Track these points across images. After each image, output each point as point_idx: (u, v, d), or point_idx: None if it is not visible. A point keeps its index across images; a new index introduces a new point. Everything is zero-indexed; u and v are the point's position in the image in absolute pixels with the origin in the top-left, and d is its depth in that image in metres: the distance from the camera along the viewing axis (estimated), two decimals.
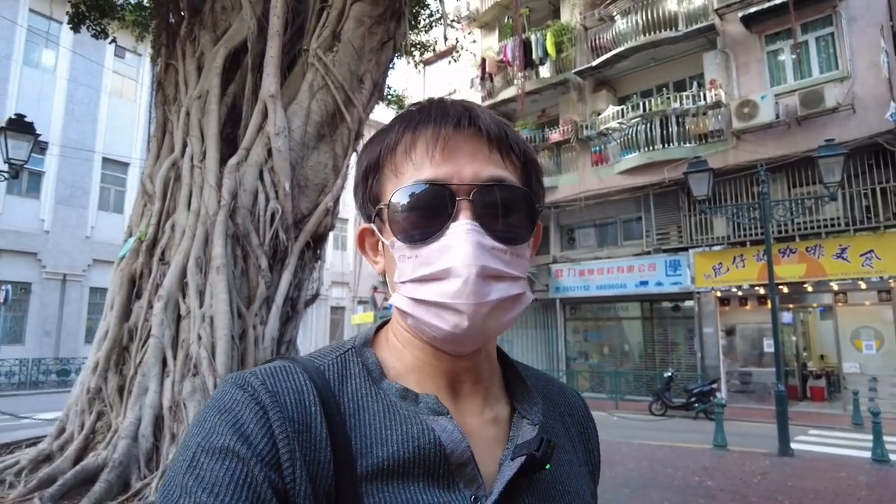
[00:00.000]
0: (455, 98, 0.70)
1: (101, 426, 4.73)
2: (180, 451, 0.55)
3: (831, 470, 7.44)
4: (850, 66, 11.84)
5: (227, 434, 0.54)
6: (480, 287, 0.59)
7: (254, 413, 0.56)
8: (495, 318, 0.61)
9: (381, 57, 6.03)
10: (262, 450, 0.54)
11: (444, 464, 0.59)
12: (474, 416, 0.66)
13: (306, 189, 5.57)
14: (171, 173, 5.33)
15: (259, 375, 0.60)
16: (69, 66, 18.82)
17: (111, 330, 4.94)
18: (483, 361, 0.69)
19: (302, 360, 0.64)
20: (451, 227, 0.61)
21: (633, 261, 15.05)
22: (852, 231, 11.76)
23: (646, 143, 13.91)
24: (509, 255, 0.62)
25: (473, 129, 0.64)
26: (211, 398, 0.59)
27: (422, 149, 0.63)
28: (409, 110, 0.68)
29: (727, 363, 13.83)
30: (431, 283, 0.61)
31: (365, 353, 0.67)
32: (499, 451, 0.65)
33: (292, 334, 5.74)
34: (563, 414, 0.77)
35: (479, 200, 0.62)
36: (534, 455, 0.60)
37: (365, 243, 0.72)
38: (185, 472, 0.52)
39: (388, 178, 0.66)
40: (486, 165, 0.63)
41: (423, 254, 0.62)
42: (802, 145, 11.88)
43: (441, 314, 0.60)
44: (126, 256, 5.19)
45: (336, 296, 25.72)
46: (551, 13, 17.49)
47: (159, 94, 6.02)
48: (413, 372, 0.66)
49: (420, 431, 0.60)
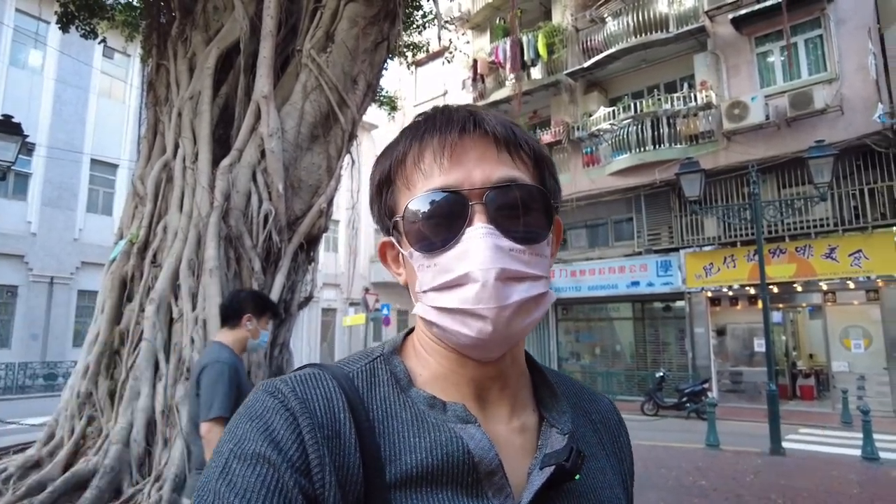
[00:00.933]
0: (459, 103, 0.70)
1: (92, 431, 4.67)
2: (213, 458, 0.56)
3: (822, 468, 7.50)
4: (839, 67, 11.96)
5: (259, 440, 0.55)
6: (500, 290, 0.59)
7: (284, 419, 0.57)
8: (519, 320, 0.61)
9: (374, 58, 6.00)
10: (293, 456, 0.54)
11: (472, 472, 0.59)
12: (502, 424, 0.66)
13: (300, 190, 5.54)
14: (163, 175, 5.28)
15: (289, 382, 0.61)
16: (57, 67, 18.61)
17: (102, 333, 4.88)
18: (510, 367, 0.68)
19: (331, 367, 0.65)
20: (466, 232, 0.60)
21: (624, 261, 15.11)
22: (841, 231, 11.88)
23: (637, 144, 13.98)
24: (528, 254, 0.62)
25: (479, 132, 0.64)
26: (242, 405, 0.60)
27: (429, 157, 0.63)
28: (415, 121, 0.68)
29: (718, 363, 13.92)
30: (451, 291, 0.60)
31: (393, 360, 0.67)
32: (527, 459, 0.64)
33: (285, 337, 5.70)
34: (595, 421, 0.76)
35: (493, 203, 0.61)
36: (563, 465, 0.60)
37: (387, 256, 0.72)
38: (217, 477, 0.53)
39: (401, 190, 0.66)
40: (496, 167, 0.63)
41: (440, 262, 0.61)
42: (792, 146, 11.98)
43: (465, 321, 0.60)
44: (117, 259, 5.13)
45: (327, 297, 25.61)
46: (542, 14, 17.53)
47: (150, 95, 5.95)
48: (439, 380, 0.66)
49: (448, 439, 0.59)
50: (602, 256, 15.61)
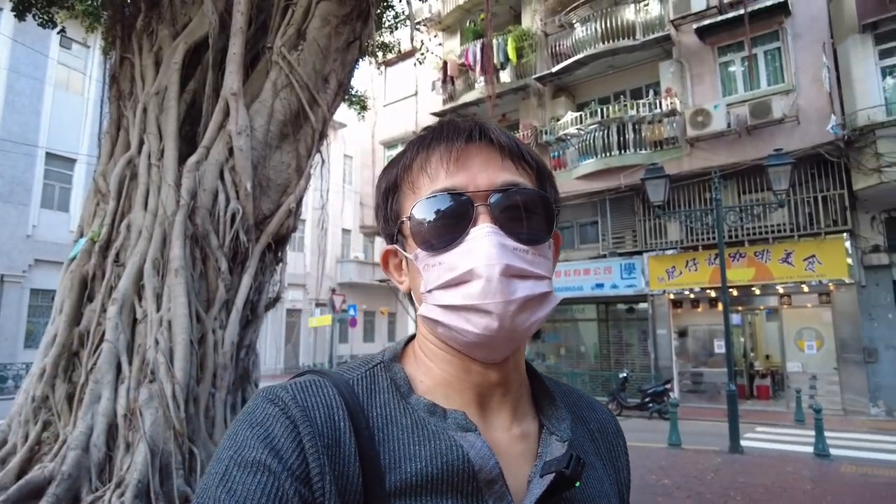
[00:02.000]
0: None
1: (48, 437, 4.48)
2: (213, 464, 0.56)
3: (778, 465, 7.77)
4: (795, 79, 12.42)
5: (259, 448, 0.55)
6: (506, 285, 0.60)
7: (284, 427, 0.57)
8: (524, 317, 0.62)
9: (346, 57, 5.95)
10: (293, 464, 0.55)
11: (472, 480, 0.59)
12: (502, 431, 0.66)
13: (268, 189, 5.44)
14: (127, 171, 5.11)
15: (290, 390, 0.61)
16: (9, 56, 17.84)
17: (60, 335, 4.69)
18: (512, 372, 0.69)
19: (332, 375, 0.65)
20: (471, 231, 0.62)
21: (589, 264, 15.35)
22: (797, 237, 12.33)
23: (603, 149, 14.23)
24: (531, 254, 0.64)
25: (485, 140, 0.66)
26: (242, 412, 0.60)
27: (436, 162, 0.65)
28: (421, 133, 0.70)
29: (680, 364, 14.28)
30: (457, 287, 0.62)
31: (393, 367, 0.68)
32: (527, 467, 0.65)
33: (252, 338, 5.59)
34: (593, 430, 0.77)
35: (497, 205, 0.63)
36: (563, 472, 0.60)
37: (389, 264, 0.73)
38: (217, 484, 0.54)
39: (406, 195, 0.68)
40: (500, 172, 0.65)
41: (446, 259, 0.63)
42: (752, 154, 12.38)
43: (470, 317, 0.61)
44: (77, 257, 4.94)
45: (293, 298, 25.23)
46: (512, 18, 17.67)
47: (113, 89, 5.76)
48: (441, 386, 0.66)
49: (448, 447, 0.60)
50: (567, 259, 15.82)
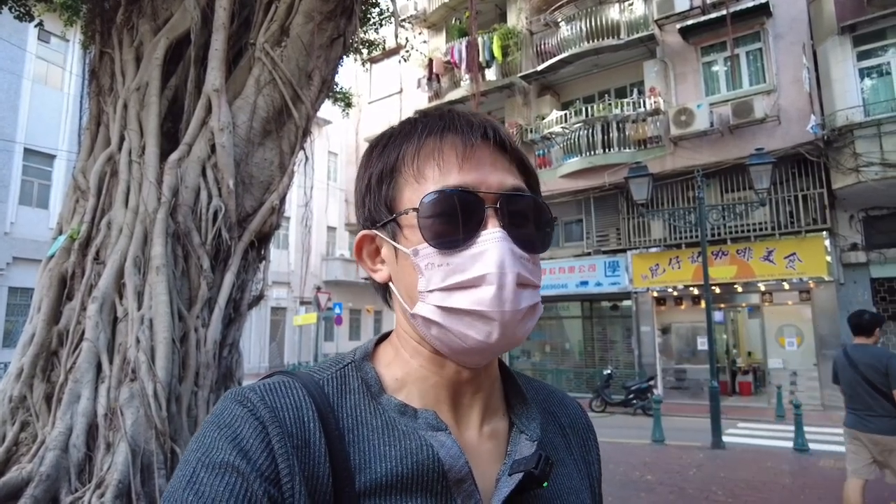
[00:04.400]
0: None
1: (26, 437, 4.41)
2: (180, 467, 0.55)
3: (759, 460, 7.88)
4: (776, 79, 12.59)
5: (227, 449, 0.54)
6: (517, 295, 0.60)
7: (253, 428, 0.56)
8: (522, 326, 0.62)
9: (330, 53, 5.91)
10: (262, 465, 0.54)
11: (442, 480, 0.59)
12: (473, 430, 0.66)
13: (251, 187, 5.39)
14: (107, 168, 5.03)
15: (258, 391, 0.60)
16: None
17: (38, 333, 4.61)
18: (484, 371, 0.68)
19: (301, 375, 0.64)
20: (482, 234, 0.61)
21: (573, 262, 15.44)
22: (778, 235, 12.51)
23: (588, 147, 14.31)
24: (531, 263, 0.64)
25: (497, 140, 0.65)
26: (211, 413, 0.59)
27: (450, 155, 0.63)
28: (422, 117, 0.68)
29: (663, 361, 14.42)
30: (464, 291, 0.60)
31: (364, 367, 0.67)
32: (496, 466, 0.65)
33: (235, 337, 5.53)
34: (564, 426, 0.77)
35: (505, 209, 0.62)
36: (532, 472, 0.60)
37: (363, 251, 0.70)
38: (184, 487, 0.53)
39: (409, 182, 0.64)
40: (508, 176, 0.65)
41: (454, 261, 0.60)
42: (734, 153, 12.53)
43: (473, 323, 0.60)
44: (56, 255, 4.86)
45: (277, 296, 25.06)
46: (498, 17, 17.69)
47: (93, 84, 5.67)
48: (417, 383, 0.66)
49: (419, 447, 0.59)
50: (552, 256, 15.89)
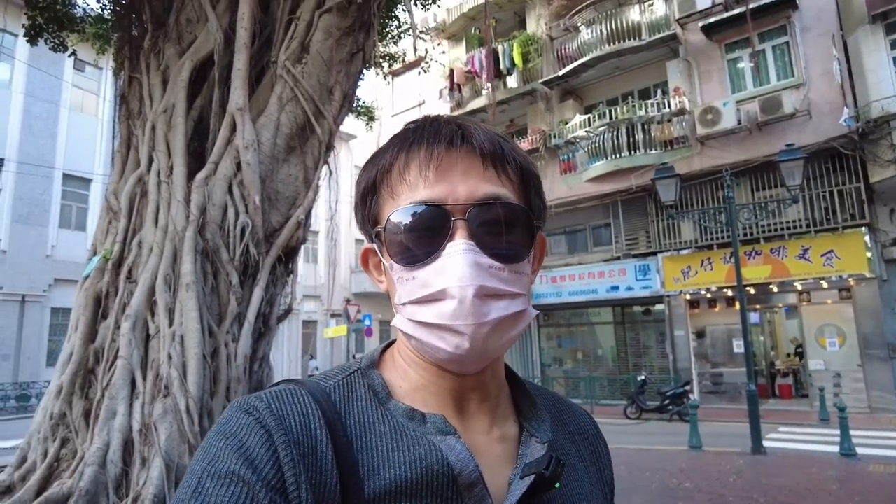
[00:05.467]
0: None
1: (66, 453, 4.53)
2: (186, 477, 0.55)
3: (802, 466, 7.61)
4: (805, 73, 12.29)
5: (233, 459, 0.54)
6: (479, 307, 0.58)
7: (259, 437, 0.56)
8: (496, 338, 0.61)
9: (350, 68, 5.99)
10: (268, 474, 0.54)
11: (452, 485, 0.58)
12: (482, 434, 0.66)
13: (277, 202, 5.48)
14: (137, 189, 5.19)
15: (264, 399, 0.60)
16: (26, 80, 18.25)
17: (76, 352, 4.75)
18: (490, 379, 0.68)
19: (307, 383, 0.64)
20: (447, 247, 0.60)
21: (603, 266, 15.25)
22: (813, 232, 12.15)
23: (613, 150, 14.17)
24: (507, 272, 0.62)
25: (466, 146, 0.63)
26: (217, 423, 0.59)
27: (415, 170, 0.63)
28: (404, 130, 0.68)
29: (698, 365, 14.09)
30: (429, 305, 0.60)
31: (370, 374, 0.67)
32: (507, 469, 0.64)
33: (265, 351, 5.62)
34: (573, 433, 0.76)
35: (475, 219, 0.61)
36: (543, 474, 0.59)
37: (369, 263, 0.72)
38: (190, 497, 0.52)
39: (385, 199, 0.65)
40: (481, 183, 0.63)
41: (419, 276, 0.61)
42: (764, 150, 12.25)
43: (442, 335, 0.60)
44: (91, 275, 5.01)
45: (308, 310, 25.36)
46: (517, 24, 17.73)
47: (123, 109, 5.86)
48: (419, 391, 0.65)
49: (428, 452, 0.59)
50: (581, 262, 15.74)
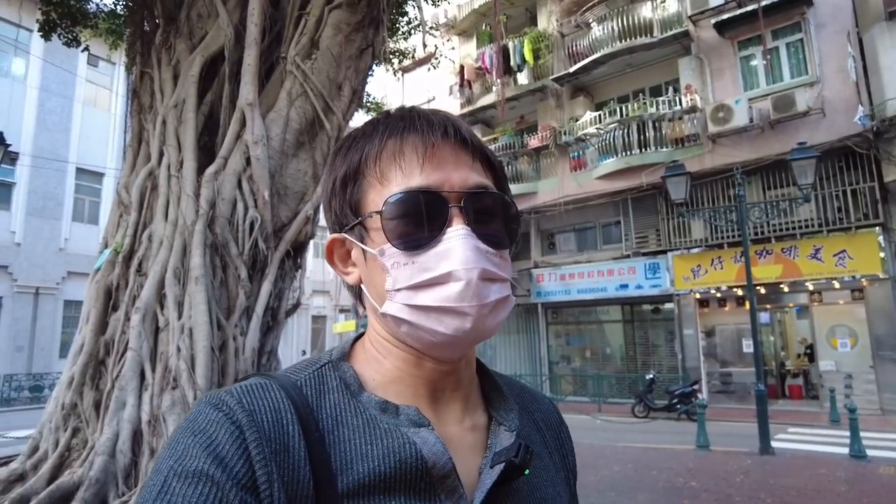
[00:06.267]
0: (433, 107, 0.71)
1: (77, 443, 4.60)
2: (151, 476, 0.53)
3: (811, 467, 7.56)
4: (819, 70, 12.14)
5: (201, 457, 0.52)
6: (482, 289, 0.60)
7: (229, 434, 0.54)
8: (493, 319, 0.62)
9: (359, 64, 6.01)
10: (238, 472, 0.52)
11: (425, 477, 0.59)
12: (454, 425, 0.67)
13: (286, 197, 5.52)
14: (148, 183, 5.24)
15: (235, 394, 0.58)
16: (40, 75, 18.45)
17: (87, 343, 4.82)
18: (464, 368, 0.69)
19: (278, 377, 0.63)
20: (447, 232, 0.62)
21: (612, 264, 15.18)
22: (825, 232, 12.02)
23: (623, 148, 14.09)
24: (498, 258, 0.64)
25: (458, 138, 0.65)
26: (185, 419, 0.57)
27: (410, 156, 0.64)
28: (384, 118, 0.68)
29: (707, 364, 14.01)
30: (431, 289, 0.61)
31: (342, 366, 0.67)
32: (478, 458, 0.65)
33: (273, 345, 5.66)
34: (538, 420, 0.78)
35: (470, 207, 0.63)
36: (513, 461, 0.61)
37: (334, 254, 0.71)
38: (155, 498, 0.50)
39: (372, 185, 0.65)
40: (471, 173, 0.65)
41: (420, 260, 0.61)
42: (776, 148, 12.13)
43: (442, 319, 0.60)
44: (101, 268, 5.08)
45: (317, 305, 25.52)
46: (528, 20, 17.66)
47: (134, 103, 5.92)
48: (393, 382, 0.66)
49: (401, 445, 0.59)
50: (591, 260, 15.68)
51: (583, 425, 11.61)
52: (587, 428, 11.25)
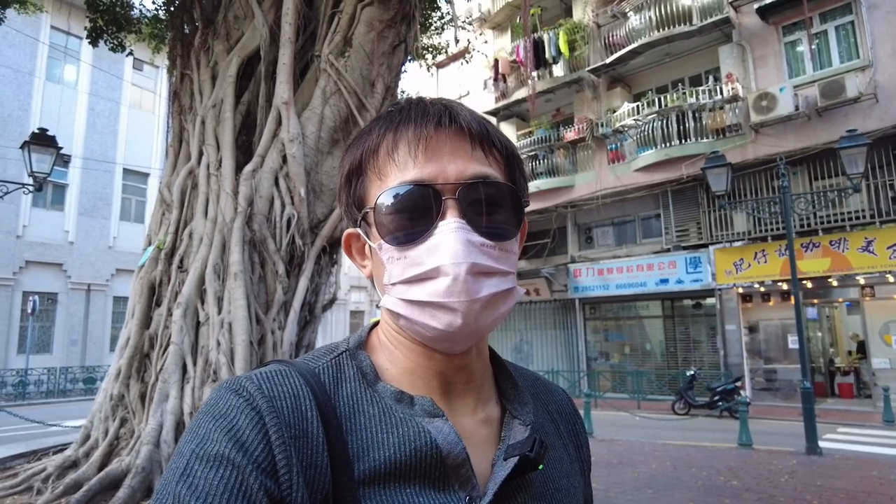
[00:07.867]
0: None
1: (125, 432, 4.80)
2: (174, 458, 0.54)
3: (862, 469, 7.26)
4: (872, 54, 11.59)
5: (222, 441, 0.53)
6: (471, 284, 0.59)
7: (249, 419, 0.55)
8: (487, 314, 0.61)
9: (392, 61, 6.04)
10: (258, 456, 0.53)
11: (440, 466, 0.59)
12: (467, 417, 0.66)
13: (321, 194, 5.60)
14: (188, 182, 5.40)
15: (255, 380, 0.59)
16: (90, 80, 19.23)
17: (132, 337, 5.01)
18: (475, 360, 0.68)
19: (297, 364, 0.64)
20: (438, 226, 0.61)
21: (652, 259, 14.88)
22: (878, 223, 11.49)
23: (662, 139, 13.77)
24: (498, 250, 0.62)
25: (454, 127, 0.64)
26: (205, 403, 0.58)
27: (404, 150, 0.63)
28: (388, 111, 0.68)
29: (751, 360, 13.60)
30: (422, 283, 0.61)
31: (359, 355, 0.67)
32: (491, 451, 0.65)
33: (311, 339, 5.77)
34: (552, 412, 0.77)
35: (465, 198, 0.62)
36: (527, 456, 0.61)
37: (352, 248, 0.72)
38: (178, 480, 0.51)
39: (372, 180, 0.66)
40: (469, 163, 0.63)
41: (411, 255, 0.61)
42: (823, 137, 11.66)
43: (434, 313, 0.60)
44: (145, 265, 5.27)
45: (355, 300, 25.88)
46: (563, 12, 17.41)
47: (175, 105, 6.10)
48: (406, 374, 0.66)
49: (416, 434, 0.60)
50: (630, 254, 15.40)
51: (621, 422, 11.44)
52: (626, 425, 11.08)
